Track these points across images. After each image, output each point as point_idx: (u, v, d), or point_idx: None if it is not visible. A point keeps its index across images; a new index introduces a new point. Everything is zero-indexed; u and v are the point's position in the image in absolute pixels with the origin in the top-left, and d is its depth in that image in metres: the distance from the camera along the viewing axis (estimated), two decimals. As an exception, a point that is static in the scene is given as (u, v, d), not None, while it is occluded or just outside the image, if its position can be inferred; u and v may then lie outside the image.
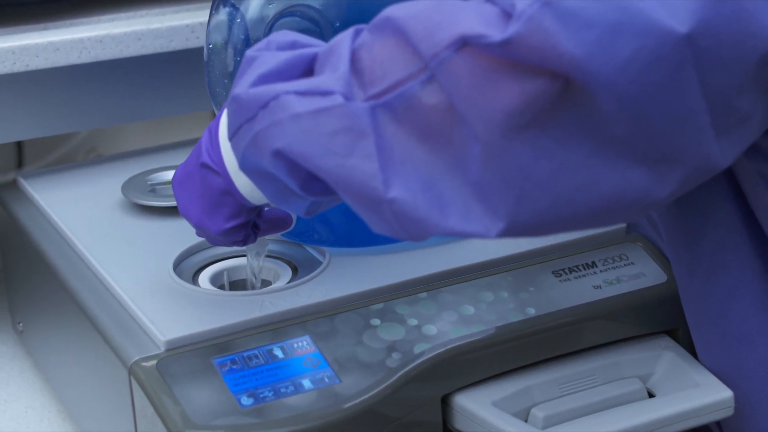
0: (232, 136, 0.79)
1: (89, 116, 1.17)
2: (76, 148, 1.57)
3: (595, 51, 0.66)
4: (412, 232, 0.72)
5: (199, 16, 1.15)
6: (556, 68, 0.66)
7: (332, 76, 0.73)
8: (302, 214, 0.81)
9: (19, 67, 1.08)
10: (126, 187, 1.08)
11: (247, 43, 0.94)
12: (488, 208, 0.70)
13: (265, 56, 0.78)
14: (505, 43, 0.66)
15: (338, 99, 0.72)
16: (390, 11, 0.72)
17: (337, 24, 0.91)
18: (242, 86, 0.77)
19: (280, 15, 0.92)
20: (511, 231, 0.70)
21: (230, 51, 0.95)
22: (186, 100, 1.20)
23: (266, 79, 0.77)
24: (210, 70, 0.97)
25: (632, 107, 0.67)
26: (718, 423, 0.91)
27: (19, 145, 1.52)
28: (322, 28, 0.91)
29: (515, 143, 0.68)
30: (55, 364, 1.06)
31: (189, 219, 0.87)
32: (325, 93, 0.73)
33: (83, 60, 1.10)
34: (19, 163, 1.54)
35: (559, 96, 0.67)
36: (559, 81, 0.67)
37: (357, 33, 0.75)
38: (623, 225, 0.99)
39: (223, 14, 0.95)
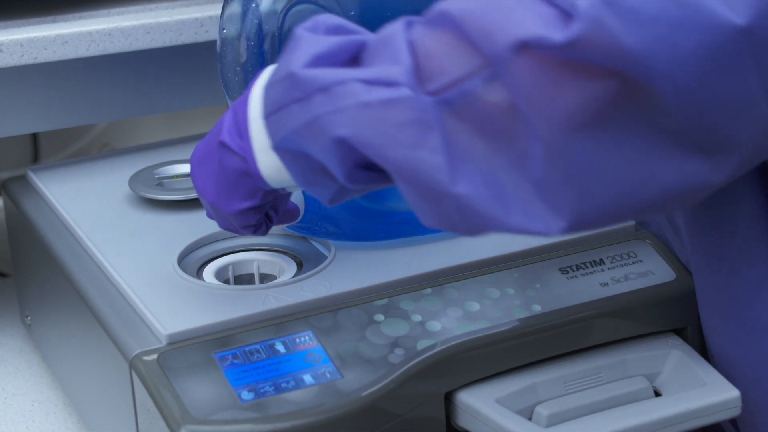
0: (273, 113, 0.78)
1: (98, 110, 1.16)
2: (91, 143, 1.57)
3: (657, 47, 0.66)
4: (473, 227, 0.73)
5: (209, 9, 1.14)
6: (618, 67, 0.67)
7: (396, 68, 0.72)
8: (326, 200, 0.81)
9: (27, 59, 1.08)
10: (133, 181, 1.07)
11: (261, 33, 0.93)
12: (551, 207, 0.70)
13: (314, 37, 0.77)
14: (569, 45, 0.66)
15: (406, 91, 0.72)
16: (445, 6, 0.72)
17: (352, 12, 0.90)
18: (296, 64, 0.76)
19: (295, 3, 0.92)
20: (572, 228, 0.71)
21: (243, 41, 0.94)
22: (196, 95, 1.20)
23: (320, 61, 0.76)
24: (223, 61, 0.97)
25: (692, 100, 0.67)
26: (734, 420, 0.90)
27: (34, 141, 1.53)
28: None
29: (577, 142, 0.68)
30: (61, 358, 1.06)
31: (204, 197, 0.87)
32: (390, 84, 0.72)
33: (92, 53, 1.10)
34: (35, 159, 1.54)
35: (620, 93, 0.68)
36: (619, 78, 0.67)
37: (409, 25, 0.75)
38: (632, 222, 0.98)
39: (236, 4, 0.95)
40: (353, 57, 0.77)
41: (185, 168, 1.10)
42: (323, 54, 0.76)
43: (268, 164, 0.81)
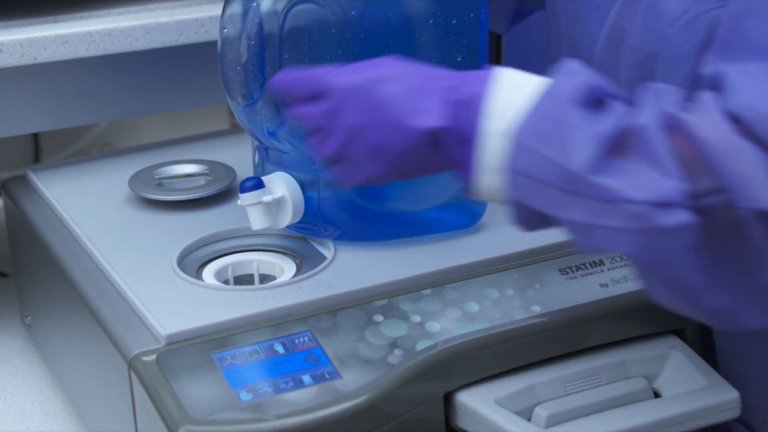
0: (528, 175, 0.77)
1: (98, 109, 1.16)
2: (91, 143, 1.57)
3: None
4: (720, 325, 0.79)
5: (209, 10, 1.14)
6: None
7: (670, 183, 0.73)
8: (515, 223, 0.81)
9: (27, 59, 1.08)
10: (133, 181, 1.07)
11: (261, 33, 0.93)
12: None
13: (589, 119, 0.76)
14: None
15: (690, 217, 0.73)
16: (688, 122, 0.74)
17: (353, 12, 0.90)
18: (578, 161, 0.75)
19: (296, 2, 0.92)
20: None
21: (244, 41, 0.94)
22: (196, 95, 1.20)
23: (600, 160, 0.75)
24: (224, 60, 0.97)
25: None
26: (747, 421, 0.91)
27: (35, 141, 1.53)
28: (337, 16, 0.91)
29: None
30: (61, 358, 1.06)
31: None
32: (670, 203, 0.73)
33: (92, 53, 1.10)
34: (36, 159, 1.54)
35: None
36: None
37: (664, 125, 0.75)
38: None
39: (237, 4, 0.95)
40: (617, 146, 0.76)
41: (185, 168, 1.10)
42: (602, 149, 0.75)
43: (489, 185, 0.80)
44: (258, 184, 0.94)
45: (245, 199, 0.94)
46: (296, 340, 0.86)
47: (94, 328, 0.91)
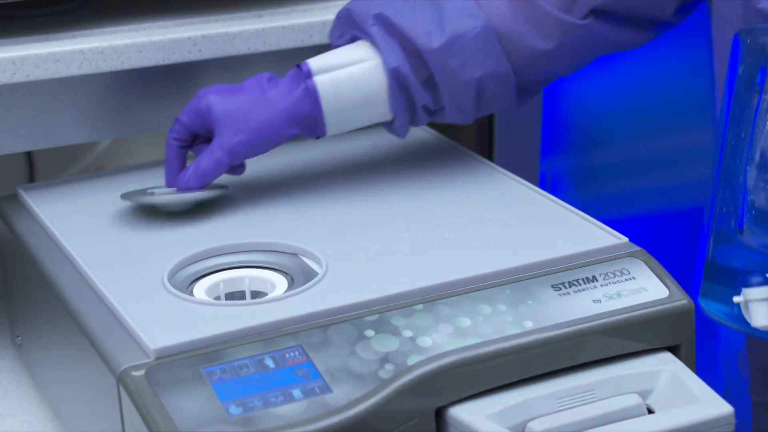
0: None
1: (91, 128, 1.16)
2: (87, 167, 1.57)
3: None
4: None
5: (201, 29, 1.14)
6: None
7: None
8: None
9: (19, 77, 1.08)
10: (125, 196, 1.06)
11: None
12: None
13: None
14: None
15: None
16: None
17: None
18: None
19: None
20: None
21: None
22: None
23: None
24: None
25: None
26: None
27: (30, 164, 1.52)
28: None
29: None
30: (51, 377, 1.06)
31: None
32: None
33: (84, 71, 1.10)
34: (31, 181, 1.53)
35: None
36: None
37: None
38: (625, 239, 0.98)
39: None
40: None
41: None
42: None
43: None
44: (765, 281, 0.94)
45: (750, 294, 0.94)
46: (287, 355, 0.85)
47: (84, 344, 0.90)
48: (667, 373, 0.89)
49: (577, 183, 1.59)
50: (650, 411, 0.88)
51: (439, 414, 0.85)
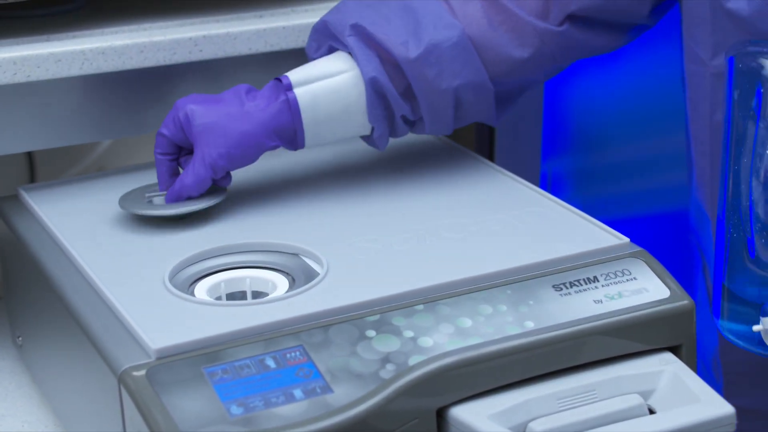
0: None
1: (91, 128, 1.16)
2: (88, 168, 1.57)
3: None
4: None
5: (202, 29, 1.14)
6: None
7: None
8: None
9: (20, 77, 1.08)
10: (123, 200, 1.06)
11: None
12: None
13: None
14: None
15: None
16: None
17: None
18: None
19: None
20: None
21: None
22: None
23: None
24: None
25: None
26: None
27: (31, 164, 1.52)
28: None
29: None
30: (52, 378, 1.06)
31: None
32: None
33: (85, 71, 1.10)
34: (32, 182, 1.53)
35: None
36: None
37: None
38: (626, 240, 0.98)
39: None
40: None
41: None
42: None
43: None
44: None
45: None
46: (288, 355, 0.85)
47: (85, 344, 0.90)
48: (668, 374, 0.89)
49: (578, 183, 1.59)
50: (651, 411, 0.87)
51: (440, 414, 0.85)
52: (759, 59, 0.97)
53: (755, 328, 0.95)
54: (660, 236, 1.58)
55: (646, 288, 0.93)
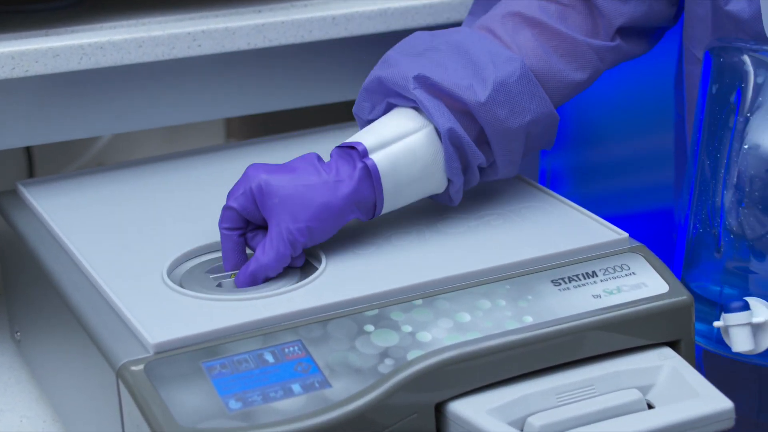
0: None
1: (89, 123, 1.16)
2: (87, 163, 1.57)
3: None
4: None
5: (201, 24, 1.14)
6: None
7: None
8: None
9: (18, 72, 1.07)
10: (186, 281, 0.96)
11: None
12: None
13: None
14: None
15: None
16: None
17: None
18: None
19: None
20: None
21: None
22: (188, 109, 1.20)
23: None
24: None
25: None
26: None
27: (30, 159, 1.52)
28: None
29: None
30: (50, 372, 1.05)
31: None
32: None
33: (83, 66, 1.10)
34: (30, 177, 1.53)
35: None
36: None
37: None
38: (625, 235, 0.98)
39: None
40: None
41: None
42: None
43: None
44: (745, 306, 0.94)
45: (731, 319, 0.94)
46: (286, 350, 0.85)
47: (83, 338, 0.90)
48: (667, 369, 0.89)
49: (577, 179, 1.59)
50: (650, 406, 0.87)
51: (439, 409, 0.85)
52: (741, 55, 0.97)
53: (716, 324, 0.95)
54: (659, 232, 1.58)
55: (644, 283, 0.93)
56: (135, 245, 1.00)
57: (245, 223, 0.96)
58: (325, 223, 0.94)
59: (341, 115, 1.27)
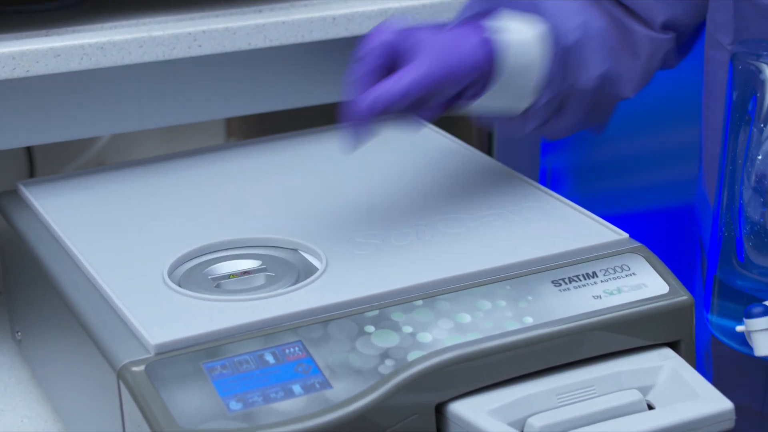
0: None
1: (90, 123, 1.16)
2: (87, 163, 1.57)
3: None
4: None
5: (202, 24, 1.14)
6: None
7: None
8: None
9: (19, 72, 1.07)
10: (185, 281, 0.95)
11: None
12: None
13: None
14: None
15: None
16: None
17: None
18: None
19: None
20: None
21: None
22: (188, 109, 1.20)
23: None
24: None
25: None
26: None
27: (30, 159, 1.52)
28: None
29: None
30: (51, 373, 1.06)
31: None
32: None
33: (84, 66, 1.10)
34: (31, 177, 1.53)
35: None
36: None
37: None
38: (625, 235, 0.98)
39: None
40: None
41: (238, 265, 0.98)
42: None
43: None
44: (766, 310, 0.94)
45: (753, 324, 0.94)
46: (286, 350, 0.85)
47: (84, 339, 0.90)
48: (667, 369, 0.89)
49: (577, 179, 1.59)
50: (650, 407, 0.88)
51: (439, 410, 0.85)
52: (756, 63, 0.97)
53: (738, 328, 0.95)
54: (659, 232, 1.58)
55: (645, 283, 0.93)
56: (135, 245, 1.00)
57: (384, 71, 0.97)
58: (458, 71, 0.97)
59: (341, 115, 1.27)
